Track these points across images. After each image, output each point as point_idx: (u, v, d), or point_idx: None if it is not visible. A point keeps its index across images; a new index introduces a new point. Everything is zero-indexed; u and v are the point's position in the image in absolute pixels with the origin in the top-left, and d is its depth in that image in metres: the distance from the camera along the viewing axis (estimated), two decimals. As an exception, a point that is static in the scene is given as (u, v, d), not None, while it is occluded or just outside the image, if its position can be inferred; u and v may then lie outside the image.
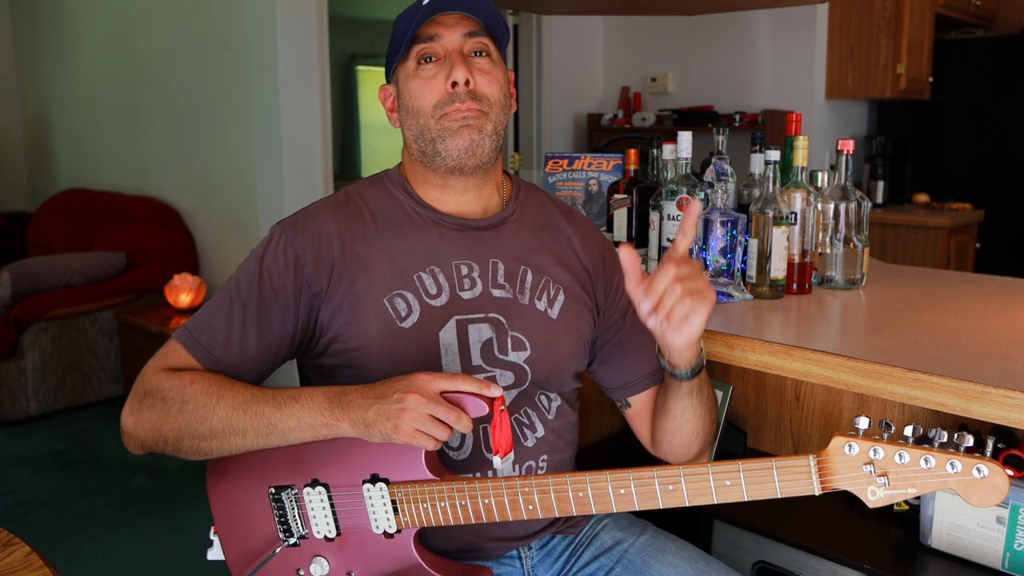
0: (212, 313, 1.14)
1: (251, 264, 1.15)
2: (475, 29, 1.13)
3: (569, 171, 1.99)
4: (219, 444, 1.07)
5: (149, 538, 2.63)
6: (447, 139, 1.12)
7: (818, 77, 4.03)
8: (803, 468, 0.92)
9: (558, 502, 1.00)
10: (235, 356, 1.12)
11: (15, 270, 3.68)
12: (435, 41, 1.12)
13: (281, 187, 3.40)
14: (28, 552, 1.03)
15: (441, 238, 1.17)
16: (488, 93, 1.13)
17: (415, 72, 1.14)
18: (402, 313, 1.12)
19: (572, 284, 1.22)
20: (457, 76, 1.10)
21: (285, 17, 3.28)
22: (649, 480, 0.96)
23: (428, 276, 1.14)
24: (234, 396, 1.06)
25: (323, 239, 1.14)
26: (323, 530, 1.08)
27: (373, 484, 1.05)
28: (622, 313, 1.25)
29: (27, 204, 5.48)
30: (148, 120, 4.32)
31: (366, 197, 1.20)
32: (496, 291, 1.17)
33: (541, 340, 1.17)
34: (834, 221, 1.68)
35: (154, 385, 1.10)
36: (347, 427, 1.02)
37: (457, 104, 1.11)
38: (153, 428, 1.10)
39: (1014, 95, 4.03)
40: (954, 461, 0.85)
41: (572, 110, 4.68)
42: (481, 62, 1.14)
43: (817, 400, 1.62)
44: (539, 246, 1.22)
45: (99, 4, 4.55)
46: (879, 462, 0.89)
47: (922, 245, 3.91)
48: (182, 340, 1.13)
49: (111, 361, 3.88)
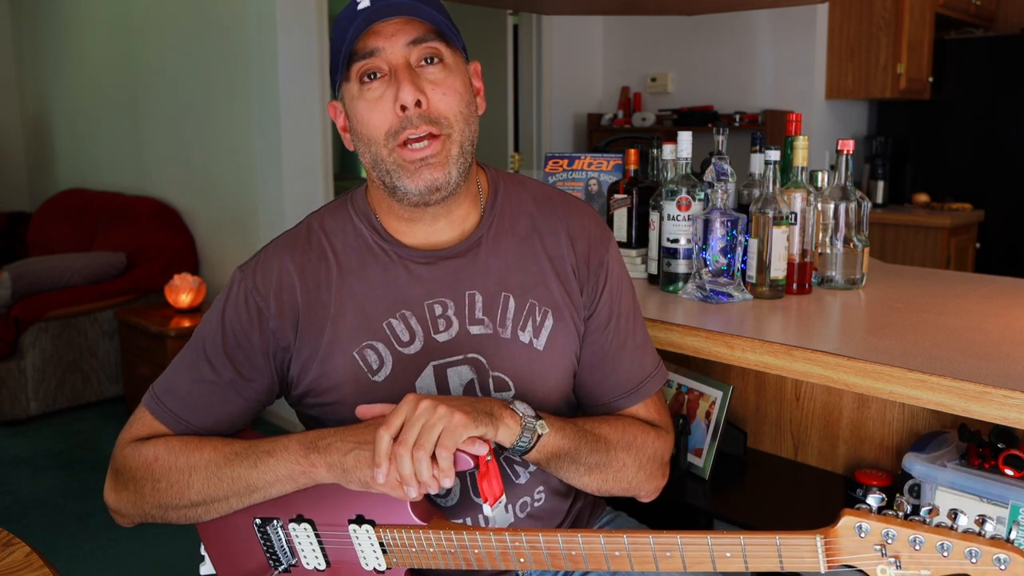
0: (178, 373, 1.08)
1: (214, 319, 1.07)
2: (420, 34, 0.98)
3: (569, 171, 1.99)
4: (205, 511, 1.04)
5: (149, 538, 2.63)
6: (404, 178, 1.00)
7: (818, 77, 4.03)
8: (809, 547, 0.85)
9: (550, 558, 0.95)
10: (207, 419, 1.06)
11: (15, 270, 3.68)
12: (376, 56, 0.98)
13: (281, 187, 3.40)
14: (28, 552, 1.03)
15: (410, 277, 1.07)
16: (445, 110, 0.99)
17: (359, 93, 1.00)
18: (373, 366, 1.05)
19: (561, 298, 1.11)
20: (405, 99, 0.96)
21: (285, 17, 3.28)
22: (645, 544, 0.91)
23: (399, 322, 1.06)
24: (206, 464, 1.01)
25: (284, 288, 1.06)
26: (312, 562, 1.04)
27: (359, 525, 1.00)
28: (600, 326, 1.14)
29: (27, 204, 5.48)
30: (148, 120, 4.32)
31: (329, 231, 1.10)
32: (474, 328, 1.07)
33: (525, 376, 1.09)
34: (834, 221, 1.67)
35: (122, 462, 1.06)
36: (324, 472, 0.97)
37: (410, 130, 0.98)
38: (135, 507, 1.06)
39: (1014, 95, 4.03)
40: (974, 549, 0.79)
41: (572, 110, 4.68)
42: (433, 71, 0.99)
43: (817, 400, 1.62)
44: (521, 261, 1.11)
45: (99, 4, 4.55)
46: (891, 545, 0.82)
47: (922, 245, 3.90)
48: (149, 407, 1.07)
49: (111, 361, 3.88)
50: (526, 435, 0.98)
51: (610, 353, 1.14)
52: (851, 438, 1.58)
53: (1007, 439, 1.29)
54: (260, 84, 3.43)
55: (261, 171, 3.53)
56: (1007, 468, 1.26)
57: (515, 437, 0.97)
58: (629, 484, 1.11)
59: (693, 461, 1.59)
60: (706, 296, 1.59)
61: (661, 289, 1.70)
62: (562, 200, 1.17)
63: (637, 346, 1.17)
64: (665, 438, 1.16)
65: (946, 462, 1.31)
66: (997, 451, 1.29)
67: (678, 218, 1.65)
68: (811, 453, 1.64)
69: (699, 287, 1.60)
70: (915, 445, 1.39)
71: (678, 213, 1.64)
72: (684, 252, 1.66)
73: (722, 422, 1.57)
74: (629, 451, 1.10)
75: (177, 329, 3.44)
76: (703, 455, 1.58)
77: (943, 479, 1.30)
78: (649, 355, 1.19)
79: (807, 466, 1.64)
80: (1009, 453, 1.26)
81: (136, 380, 3.65)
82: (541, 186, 1.20)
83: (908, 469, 1.33)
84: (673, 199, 1.65)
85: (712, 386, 1.60)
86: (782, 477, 1.61)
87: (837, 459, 1.60)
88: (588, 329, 1.14)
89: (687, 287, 1.64)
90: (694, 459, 1.59)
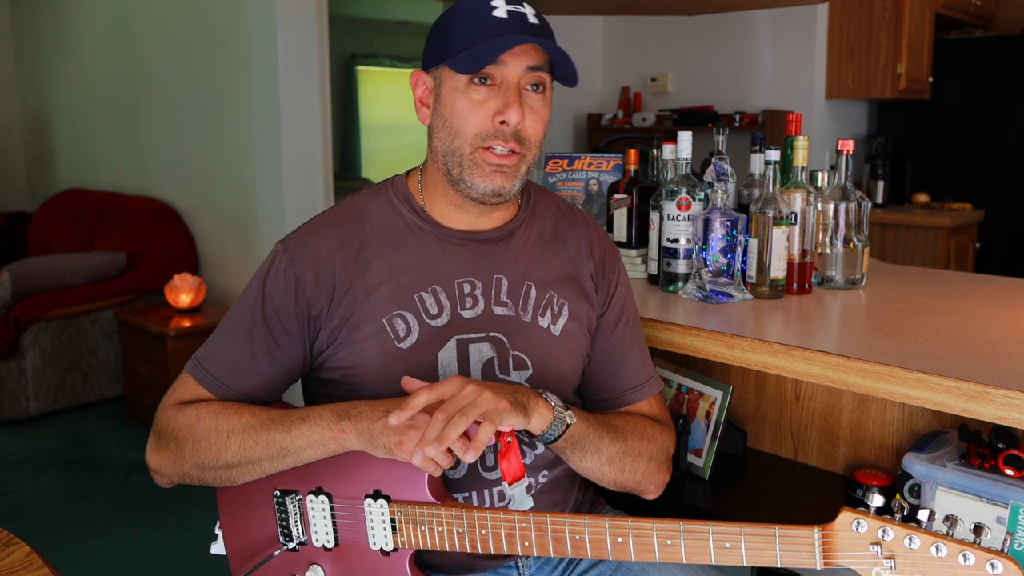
0: (220, 341, 1.14)
1: (254, 288, 1.14)
2: (539, 63, 1.07)
3: (569, 171, 1.99)
4: (239, 473, 1.09)
5: (149, 538, 2.63)
6: (476, 175, 1.09)
7: (818, 77, 4.03)
8: (806, 540, 0.87)
9: (555, 543, 0.98)
10: (246, 383, 1.12)
11: (15, 270, 3.68)
12: (496, 66, 1.05)
13: (281, 187, 3.40)
14: (28, 552, 1.03)
15: (443, 254, 1.15)
16: (531, 135, 1.09)
17: (465, 89, 1.07)
18: (401, 334, 1.11)
19: (577, 297, 1.20)
20: (510, 118, 1.05)
21: (285, 17, 3.28)
22: (648, 532, 0.94)
23: (429, 295, 1.13)
24: (244, 427, 1.07)
25: (323, 260, 1.12)
26: (322, 539, 1.08)
27: (374, 500, 1.04)
28: (611, 325, 1.23)
29: (27, 204, 5.48)
30: (148, 120, 4.32)
31: (370, 210, 1.17)
32: (498, 309, 1.15)
33: (542, 358, 1.16)
34: (834, 221, 1.68)
35: (165, 424, 1.12)
36: (353, 438, 1.02)
37: (499, 141, 1.07)
38: (174, 466, 1.12)
39: (1014, 95, 4.03)
40: (967, 553, 0.80)
41: (572, 110, 4.68)
42: (535, 99, 1.09)
43: (817, 400, 1.62)
44: (545, 259, 1.20)
45: (99, 4, 4.55)
46: (887, 543, 0.84)
47: (922, 245, 3.91)
48: (192, 371, 1.14)
49: (111, 361, 3.88)
50: (556, 424, 1.05)
51: (621, 350, 1.24)
52: (851, 438, 1.58)
53: (1007, 439, 1.29)
54: (260, 84, 3.43)
55: (261, 171, 3.53)
56: (1007, 468, 1.26)
57: (547, 425, 1.04)
58: (642, 475, 1.18)
59: (693, 461, 1.59)
60: (706, 296, 1.59)
61: (661, 289, 1.70)
62: (581, 214, 1.29)
63: (642, 349, 1.27)
64: (669, 433, 1.24)
65: (946, 462, 1.31)
66: (997, 451, 1.29)
67: (678, 218, 1.65)
68: (811, 453, 1.64)
69: (699, 287, 1.60)
70: (915, 445, 1.39)
71: (678, 213, 1.64)
72: (684, 252, 1.66)
73: (722, 422, 1.57)
74: (643, 441, 1.17)
75: (177, 329, 3.44)
76: (703, 455, 1.58)
77: (943, 479, 1.30)
78: (650, 362, 1.28)
79: (807, 466, 1.64)
80: (1009, 453, 1.26)
81: (136, 380, 3.65)
82: (562, 200, 1.30)
83: (908, 469, 1.33)
84: (673, 199, 1.65)
85: (712, 386, 1.60)
86: (782, 477, 1.61)
87: (837, 459, 1.60)
88: (601, 327, 1.23)
89: (687, 287, 1.64)
90: (694, 459, 1.59)
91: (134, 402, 3.69)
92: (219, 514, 1.18)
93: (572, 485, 1.23)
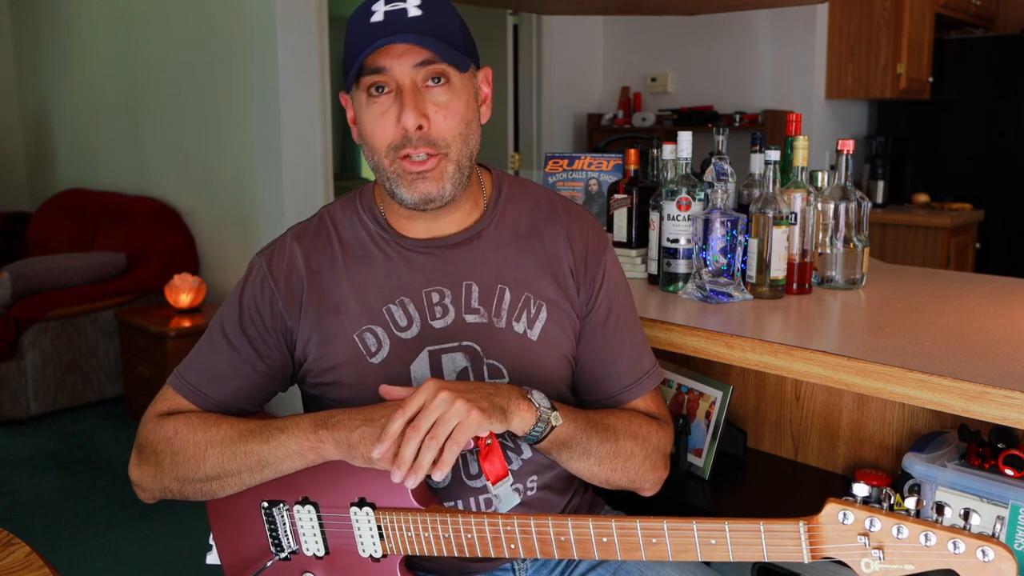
0: (200, 352, 1.14)
1: (233, 299, 1.15)
2: (428, 57, 1.01)
3: (569, 171, 1.99)
4: (219, 486, 1.08)
5: (149, 538, 2.63)
6: (402, 187, 1.06)
7: (818, 77, 4.03)
8: (792, 534, 0.87)
9: (540, 544, 0.97)
10: (224, 390, 1.12)
11: (15, 270, 3.68)
12: (383, 73, 1.02)
13: (281, 187, 3.40)
14: (28, 552, 1.03)
15: (408, 265, 1.12)
16: (445, 133, 1.04)
17: (366, 103, 1.05)
18: (372, 349, 1.10)
19: (557, 296, 1.14)
20: (407, 122, 1.01)
21: (285, 18, 3.28)
22: (632, 531, 0.93)
23: (397, 308, 1.11)
24: (222, 439, 1.06)
25: (293, 272, 1.12)
26: (312, 548, 1.08)
27: (360, 508, 1.04)
28: (598, 323, 1.17)
29: (27, 204, 5.47)
30: (148, 120, 4.32)
31: (338, 223, 1.16)
32: (470, 316, 1.11)
33: (519, 365, 1.12)
34: (834, 221, 1.67)
35: (145, 437, 1.11)
36: (331, 448, 1.00)
37: (410, 148, 1.03)
38: (155, 480, 1.11)
39: (1014, 95, 4.03)
40: (957, 540, 0.78)
41: (572, 110, 4.67)
42: (438, 92, 1.03)
43: (817, 400, 1.62)
44: (519, 257, 1.15)
45: (99, 4, 4.55)
46: (875, 534, 0.83)
47: (922, 245, 3.91)
48: (173, 384, 1.14)
49: (111, 361, 3.88)
50: (540, 425, 1.02)
51: (611, 349, 1.18)
52: (851, 438, 1.58)
53: (1007, 439, 1.29)
54: (260, 84, 3.43)
55: (261, 171, 3.53)
56: (1007, 468, 1.26)
57: (529, 427, 1.01)
58: (636, 474, 1.15)
59: (693, 461, 1.59)
60: (706, 296, 1.59)
61: (661, 289, 1.70)
62: (563, 205, 1.22)
63: (636, 345, 1.21)
64: (666, 430, 1.20)
65: (946, 462, 1.31)
66: (997, 451, 1.29)
67: (678, 218, 1.65)
68: (811, 453, 1.64)
69: (699, 287, 1.60)
70: (915, 445, 1.39)
71: (678, 213, 1.64)
72: (684, 252, 1.66)
73: (722, 422, 1.57)
74: (636, 440, 1.13)
75: (177, 329, 3.44)
76: (703, 455, 1.58)
77: (943, 479, 1.30)
78: (647, 355, 1.22)
79: (807, 466, 1.64)
80: (1009, 453, 1.26)
81: (136, 380, 3.65)
82: (544, 191, 1.24)
83: (908, 469, 1.33)
84: (673, 199, 1.65)
85: (712, 386, 1.60)
86: (782, 477, 1.61)
87: (837, 459, 1.60)
88: (588, 326, 1.17)
89: (687, 287, 1.64)
90: (694, 459, 1.59)
91: (134, 402, 3.69)
92: (211, 526, 1.17)
93: (568, 488, 1.20)
